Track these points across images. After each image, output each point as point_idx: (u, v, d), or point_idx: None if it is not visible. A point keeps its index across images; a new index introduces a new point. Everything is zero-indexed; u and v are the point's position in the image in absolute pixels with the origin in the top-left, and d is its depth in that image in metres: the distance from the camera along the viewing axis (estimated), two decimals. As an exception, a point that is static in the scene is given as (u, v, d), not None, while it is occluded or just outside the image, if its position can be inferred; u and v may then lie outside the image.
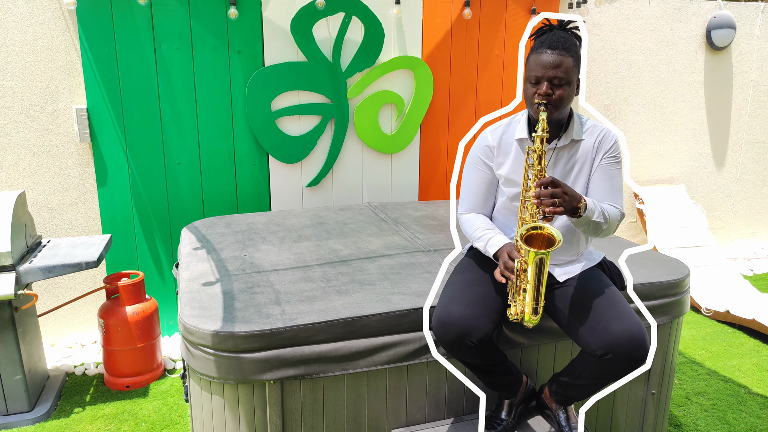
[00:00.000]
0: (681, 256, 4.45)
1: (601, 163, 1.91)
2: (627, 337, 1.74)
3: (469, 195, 2.03)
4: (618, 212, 1.88)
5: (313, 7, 3.46)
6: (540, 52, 1.79)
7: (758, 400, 2.98)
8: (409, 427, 2.06)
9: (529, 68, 1.82)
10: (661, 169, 4.94)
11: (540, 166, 1.75)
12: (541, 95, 1.78)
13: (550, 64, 1.77)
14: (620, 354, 1.74)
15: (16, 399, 2.74)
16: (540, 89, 1.78)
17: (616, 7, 4.46)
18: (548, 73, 1.77)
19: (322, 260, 2.46)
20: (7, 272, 2.57)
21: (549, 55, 1.77)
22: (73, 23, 3.22)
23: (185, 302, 2.01)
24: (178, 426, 2.73)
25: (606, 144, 1.92)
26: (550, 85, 1.78)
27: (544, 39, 1.81)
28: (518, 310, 1.79)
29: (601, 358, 1.77)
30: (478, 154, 1.99)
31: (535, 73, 1.79)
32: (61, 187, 3.38)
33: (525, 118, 1.93)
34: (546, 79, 1.78)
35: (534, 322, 1.77)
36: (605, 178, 1.91)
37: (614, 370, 1.78)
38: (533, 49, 1.82)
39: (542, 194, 1.67)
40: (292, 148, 3.63)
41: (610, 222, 1.84)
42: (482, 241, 1.95)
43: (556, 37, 1.80)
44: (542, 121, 1.74)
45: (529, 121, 1.92)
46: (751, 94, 5.07)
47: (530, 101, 1.83)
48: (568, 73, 1.78)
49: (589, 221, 1.77)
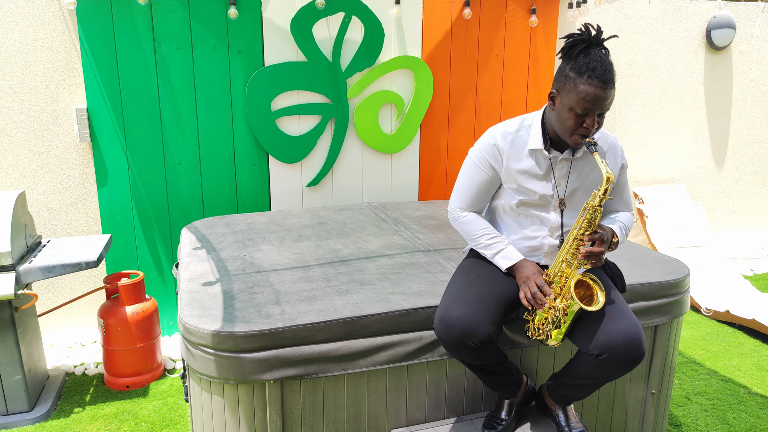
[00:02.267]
0: (681, 256, 4.45)
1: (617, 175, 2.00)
2: (623, 337, 1.74)
3: (468, 194, 2.02)
4: (632, 216, 2.03)
5: (313, 7, 3.46)
6: (592, 84, 1.68)
7: (758, 400, 2.98)
8: (409, 427, 2.06)
9: (578, 99, 1.70)
10: (661, 169, 4.94)
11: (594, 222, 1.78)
12: (588, 129, 1.73)
13: (603, 99, 1.69)
14: (616, 354, 1.74)
15: (16, 399, 2.74)
16: (587, 123, 1.73)
17: (616, 7, 4.46)
18: (598, 110, 1.72)
19: (322, 260, 2.46)
20: (7, 272, 2.57)
21: (603, 91, 1.68)
22: (73, 23, 3.22)
23: (185, 302, 2.01)
24: (178, 426, 2.73)
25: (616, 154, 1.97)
26: (597, 117, 1.74)
27: (593, 66, 1.69)
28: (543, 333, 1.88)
29: (597, 358, 1.78)
30: (485, 155, 1.95)
31: (585, 105, 1.70)
32: (61, 187, 3.38)
33: (539, 126, 1.89)
34: (596, 114, 1.73)
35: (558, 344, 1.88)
36: (621, 190, 2.04)
37: (611, 370, 1.79)
38: (579, 73, 1.70)
39: (593, 253, 1.76)
40: (292, 148, 3.63)
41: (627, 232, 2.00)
42: (490, 250, 1.98)
43: (605, 65, 1.70)
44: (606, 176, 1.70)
45: (543, 132, 1.89)
46: (751, 94, 5.07)
47: (571, 131, 1.76)
48: (611, 104, 1.75)
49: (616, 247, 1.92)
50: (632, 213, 2.03)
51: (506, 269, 1.96)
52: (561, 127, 1.79)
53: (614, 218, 1.98)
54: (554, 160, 1.90)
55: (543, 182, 1.91)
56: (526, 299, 1.87)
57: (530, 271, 1.89)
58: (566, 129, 1.77)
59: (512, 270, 1.95)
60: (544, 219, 1.95)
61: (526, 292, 1.87)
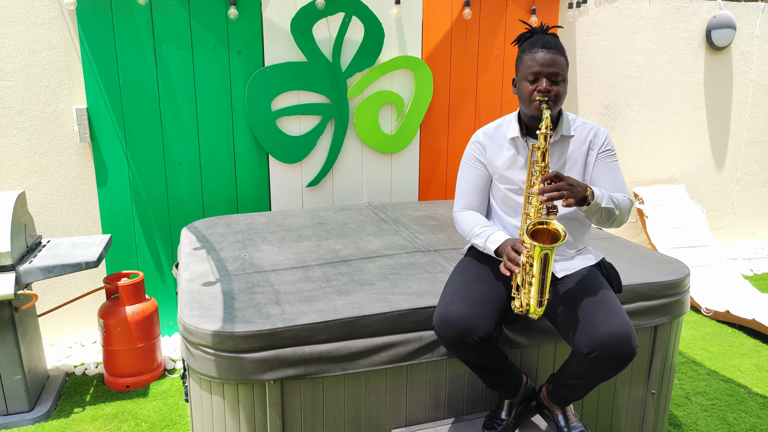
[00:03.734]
0: (681, 256, 4.45)
1: (598, 159, 1.98)
2: (612, 336, 1.74)
3: (464, 193, 2.09)
4: (627, 199, 1.92)
5: (313, 7, 3.46)
6: (534, 51, 1.85)
7: (758, 400, 2.98)
8: (409, 427, 2.06)
9: (525, 67, 1.87)
10: (661, 169, 4.94)
11: (544, 162, 1.78)
12: (541, 92, 1.82)
13: (548, 62, 1.82)
14: (606, 352, 1.75)
15: (16, 399, 2.74)
16: (540, 86, 1.83)
17: (616, 7, 4.46)
18: (546, 70, 1.83)
19: (322, 260, 2.46)
20: (7, 272, 2.57)
21: (545, 53, 1.83)
22: (73, 23, 3.22)
23: (185, 302, 2.01)
24: (178, 426, 2.73)
25: (599, 140, 1.98)
26: (549, 82, 1.83)
27: (535, 41, 1.87)
28: (523, 302, 1.80)
29: (587, 357, 1.78)
30: (472, 152, 2.07)
31: (532, 70, 1.84)
32: (61, 187, 3.38)
33: (515, 118, 1.99)
34: (544, 76, 1.83)
35: (539, 314, 1.78)
36: (606, 173, 1.98)
37: (602, 369, 1.79)
38: (524, 50, 1.89)
39: (547, 189, 1.69)
40: (292, 148, 3.63)
41: (621, 208, 1.87)
42: (481, 237, 1.98)
43: (546, 38, 1.86)
44: (546, 118, 1.77)
45: (520, 121, 1.97)
46: (751, 94, 5.07)
47: (528, 99, 1.87)
48: (563, 71, 1.86)
49: (599, 208, 1.79)
50: (629, 198, 1.94)
51: (494, 252, 1.93)
52: (523, 103, 1.90)
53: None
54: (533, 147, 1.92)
55: (524, 170, 1.97)
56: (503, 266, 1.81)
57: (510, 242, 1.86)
58: (525, 100, 1.88)
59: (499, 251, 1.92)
60: None
61: (504, 260, 1.82)
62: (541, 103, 1.81)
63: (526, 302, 1.79)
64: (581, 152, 1.98)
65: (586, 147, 1.98)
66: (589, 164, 1.99)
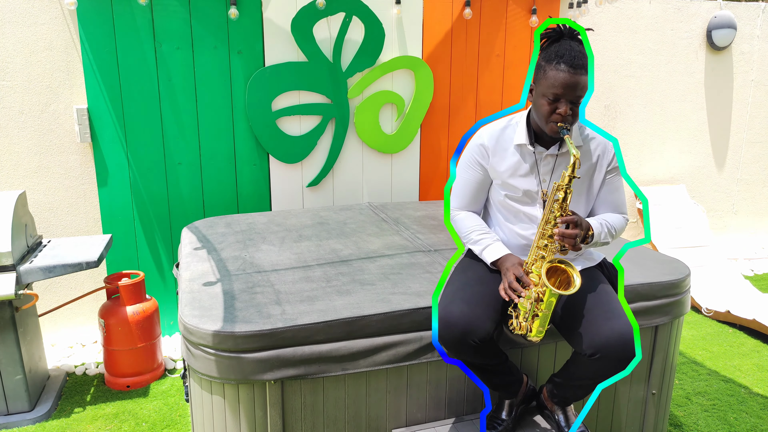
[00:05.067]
0: (681, 256, 4.45)
1: (605, 178, 1.97)
2: (615, 337, 1.74)
3: (462, 193, 2.06)
4: (624, 221, 1.99)
5: (313, 7, 3.46)
6: (560, 69, 1.73)
7: (759, 401, 2.98)
8: (410, 427, 2.06)
9: (548, 83, 1.75)
10: (662, 169, 4.94)
11: (565, 203, 1.76)
12: (561, 115, 1.75)
13: (572, 85, 1.73)
14: (609, 354, 1.75)
15: (16, 399, 2.74)
16: (560, 109, 1.76)
17: (616, 7, 4.46)
18: (570, 95, 1.74)
19: (322, 260, 2.46)
20: (7, 272, 2.57)
21: (571, 75, 1.72)
22: (73, 23, 3.22)
23: (186, 302, 2.01)
24: (178, 426, 2.73)
25: (607, 157, 1.95)
26: (570, 105, 1.75)
27: (562, 53, 1.74)
28: (523, 326, 1.84)
29: (590, 358, 1.78)
30: (473, 154, 2.00)
31: (554, 91, 1.74)
32: (61, 187, 3.38)
33: (524, 122, 1.92)
34: (567, 100, 1.75)
35: (538, 340, 1.83)
36: (611, 192, 1.99)
37: (604, 370, 1.79)
38: (549, 60, 1.76)
39: (566, 235, 1.73)
40: (292, 148, 3.63)
41: (615, 234, 1.95)
42: (479, 245, 1.98)
43: (574, 52, 1.74)
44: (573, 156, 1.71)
45: (528, 127, 1.92)
46: (751, 94, 5.06)
47: (546, 118, 1.80)
48: (585, 89, 1.76)
49: (596, 244, 1.88)
50: (625, 217, 1.98)
51: (491, 263, 1.95)
52: (538, 116, 1.84)
53: (599, 216, 1.96)
54: (539, 156, 1.91)
55: (527, 178, 1.93)
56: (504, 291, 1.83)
57: (510, 263, 1.88)
58: (542, 117, 1.81)
59: (497, 264, 1.94)
60: (532, 216, 1.95)
61: (504, 284, 1.84)
62: (561, 130, 1.74)
63: (527, 328, 1.83)
64: (587, 167, 1.93)
65: (592, 163, 1.93)
66: (594, 183, 1.96)
